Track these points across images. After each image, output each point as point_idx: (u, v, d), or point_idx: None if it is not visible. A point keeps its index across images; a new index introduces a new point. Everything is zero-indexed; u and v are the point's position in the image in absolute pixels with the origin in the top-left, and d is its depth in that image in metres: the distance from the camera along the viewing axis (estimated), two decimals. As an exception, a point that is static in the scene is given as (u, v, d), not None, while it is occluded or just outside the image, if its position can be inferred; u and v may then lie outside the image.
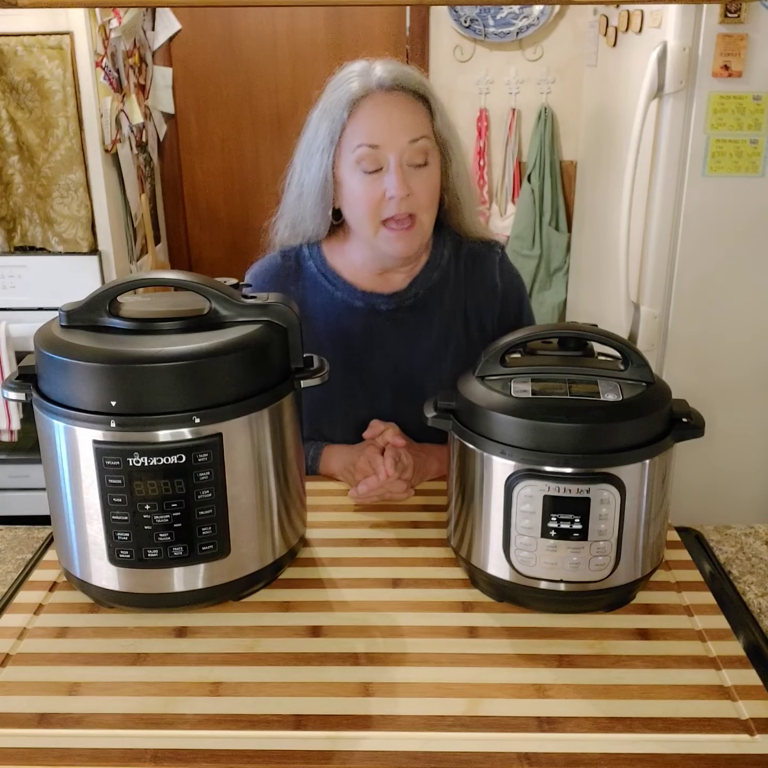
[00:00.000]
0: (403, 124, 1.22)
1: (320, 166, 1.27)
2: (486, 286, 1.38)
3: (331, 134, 1.25)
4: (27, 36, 2.30)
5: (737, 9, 1.90)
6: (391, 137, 1.21)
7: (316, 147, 1.27)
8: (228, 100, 3.20)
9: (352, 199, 1.26)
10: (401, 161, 1.22)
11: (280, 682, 0.86)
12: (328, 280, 1.35)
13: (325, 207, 1.30)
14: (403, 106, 1.23)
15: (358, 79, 1.24)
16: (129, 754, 0.77)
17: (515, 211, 3.07)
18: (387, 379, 1.35)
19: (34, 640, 0.93)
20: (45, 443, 0.93)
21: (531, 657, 0.89)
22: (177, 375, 0.87)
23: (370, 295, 1.34)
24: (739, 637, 0.92)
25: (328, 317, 1.34)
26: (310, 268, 1.36)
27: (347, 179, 1.26)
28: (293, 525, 1.03)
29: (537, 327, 1.08)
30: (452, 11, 2.91)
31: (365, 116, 1.23)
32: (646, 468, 0.90)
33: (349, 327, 1.34)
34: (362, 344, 1.34)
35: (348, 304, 1.34)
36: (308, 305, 1.34)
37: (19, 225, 2.49)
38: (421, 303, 1.36)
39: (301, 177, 1.31)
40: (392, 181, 1.21)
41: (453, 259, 1.38)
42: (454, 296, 1.37)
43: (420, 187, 1.24)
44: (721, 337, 2.17)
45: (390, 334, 1.35)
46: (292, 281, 1.36)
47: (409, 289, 1.35)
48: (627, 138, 2.11)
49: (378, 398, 1.35)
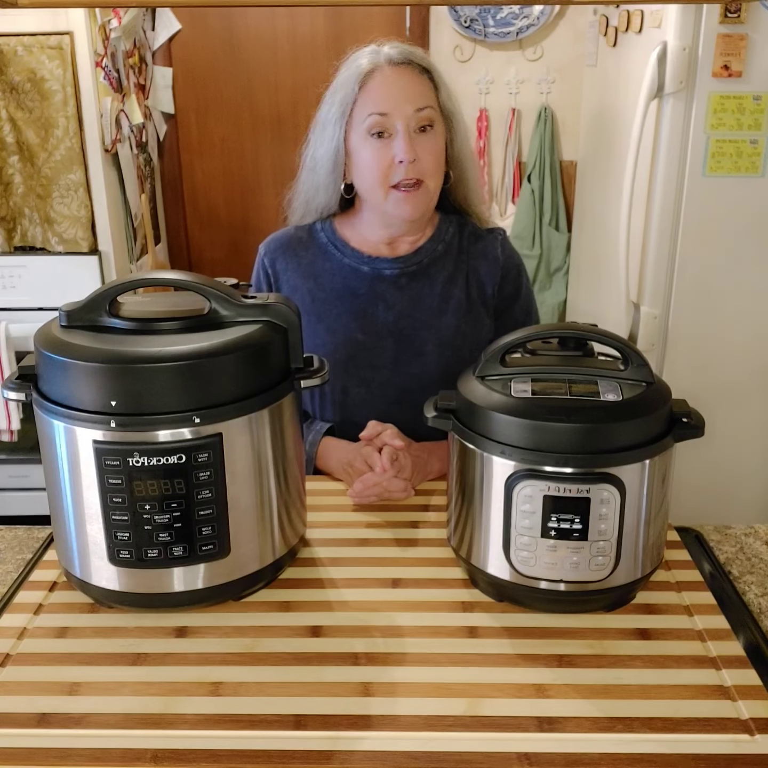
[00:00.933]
0: (410, 94, 1.30)
1: (332, 138, 1.34)
2: (488, 259, 1.44)
3: (343, 107, 1.32)
4: (27, 36, 2.30)
5: (737, 9, 1.90)
6: (398, 105, 1.29)
7: (329, 119, 1.35)
8: (228, 100, 3.20)
9: (363, 167, 1.33)
10: (408, 128, 1.29)
11: (280, 682, 0.86)
12: (337, 249, 1.42)
13: (336, 178, 1.38)
14: (409, 78, 1.32)
15: (368, 56, 1.32)
16: (129, 754, 0.77)
17: (515, 211, 3.07)
18: (388, 329, 1.40)
19: (34, 640, 0.93)
20: (45, 443, 0.93)
21: (531, 657, 0.89)
22: (177, 375, 0.87)
23: (375, 260, 1.41)
24: (739, 637, 0.92)
25: (334, 278, 1.41)
26: (321, 238, 1.44)
27: (358, 149, 1.33)
28: (293, 525, 1.03)
29: (537, 327, 1.08)
30: (452, 11, 2.91)
31: (375, 88, 1.31)
32: (646, 468, 0.90)
33: (354, 287, 1.40)
34: (366, 298, 1.40)
35: (354, 268, 1.41)
36: (317, 268, 1.42)
37: (19, 225, 2.49)
38: (424, 270, 1.41)
39: (315, 151, 1.39)
40: (400, 146, 1.29)
41: (457, 235, 1.45)
42: (456, 264, 1.43)
43: (426, 152, 1.31)
44: (721, 337, 2.17)
45: (393, 293, 1.40)
46: (302, 249, 1.43)
47: (414, 256, 1.41)
48: (627, 138, 2.11)
49: (379, 347, 1.40)
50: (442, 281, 1.41)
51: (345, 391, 1.40)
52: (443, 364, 1.38)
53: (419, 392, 1.35)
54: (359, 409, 1.40)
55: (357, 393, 1.40)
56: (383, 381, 1.39)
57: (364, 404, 1.40)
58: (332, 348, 1.38)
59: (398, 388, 1.39)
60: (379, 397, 1.40)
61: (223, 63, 3.15)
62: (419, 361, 1.39)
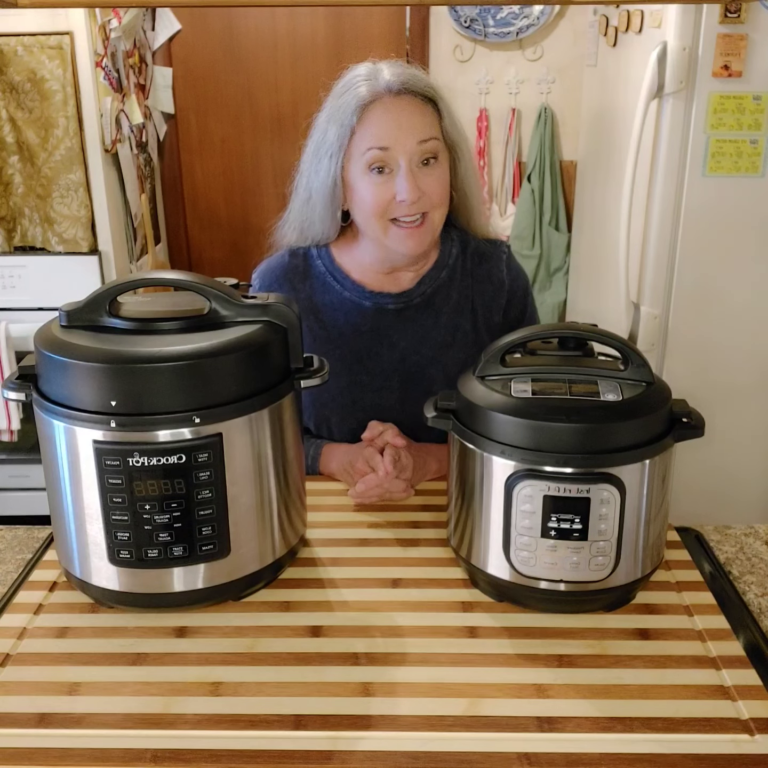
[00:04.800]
0: (412, 126, 1.23)
1: (329, 171, 1.27)
2: (493, 282, 1.39)
3: (340, 139, 1.25)
4: (27, 36, 2.30)
5: (737, 9, 1.90)
6: (400, 139, 1.22)
7: (324, 151, 1.27)
8: (228, 100, 3.20)
9: (362, 202, 1.27)
10: (411, 163, 1.23)
11: (280, 682, 0.86)
12: (336, 280, 1.36)
13: (334, 210, 1.31)
14: (412, 109, 1.24)
15: (366, 83, 1.24)
16: (129, 754, 0.77)
17: (515, 211, 3.07)
18: (394, 368, 1.36)
19: (34, 640, 0.93)
20: (45, 443, 0.93)
21: (531, 657, 0.89)
22: (177, 375, 0.87)
23: (378, 295, 1.35)
24: (739, 637, 0.92)
25: (335, 314, 1.35)
26: (318, 267, 1.37)
27: (357, 183, 1.26)
28: (293, 525, 1.03)
29: (537, 327, 1.08)
30: (452, 11, 2.91)
31: (374, 120, 1.23)
32: (646, 468, 0.90)
33: (357, 323, 1.35)
34: (370, 336, 1.35)
35: (356, 303, 1.35)
36: (316, 303, 1.36)
37: (19, 225, 2.49)
38: (429, 300, 1.36)
39: (309, 181, 1.31)
40: (403, 185, 1.22)
41: (461, 257, 1.39)
42: (461, 291, 1.38)
43: (430, 187, 1.25)
44: (721, 337, 2.17)
45: (397, 328, 1.36)
46: (299, 280, 1.37)
47: (417, 288, 1.36)
48: (627, 138, 2.11)
49: (385, 388, 1.36)
50: (448, 312, 1.36)
51: (353, 433, 1.33)
52: None
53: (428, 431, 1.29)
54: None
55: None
56: (391, 421, 1.29)
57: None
58: (336, 392, 1.34)
59: (407, 428, 1.29)
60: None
61: (223, 63, 3.15)
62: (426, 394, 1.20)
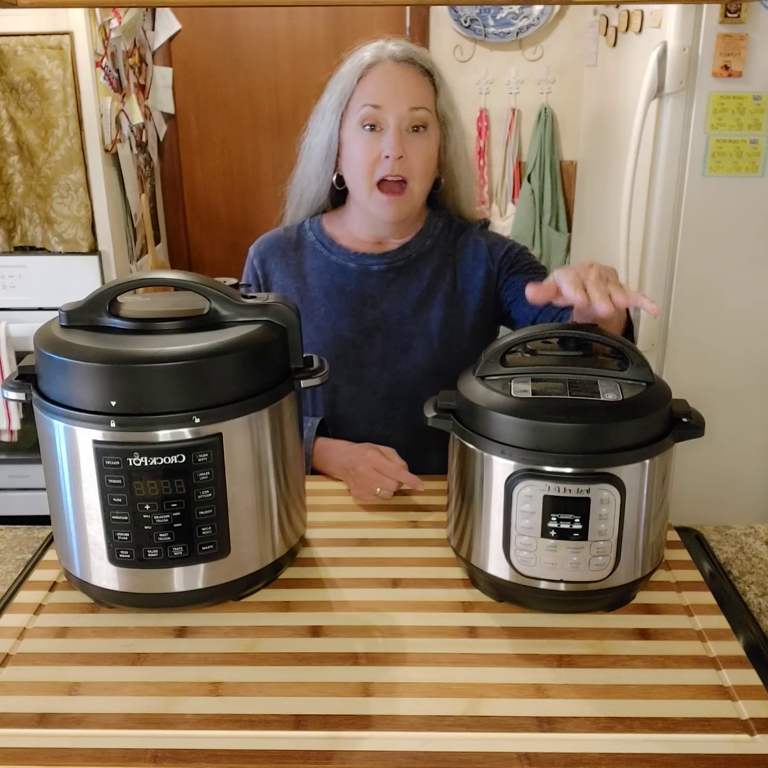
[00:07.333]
0: (407, 91, 1.30)
1: (328, 127, 1.36)
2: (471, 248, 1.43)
3: (341, 97, 1.33)
4: (27, 36, 2.30)
5: (737, 9, 1.90)
6: (393, 101, 1.29)
7: (327, 108, 1.36)
8: (228, 100, 3.20)
9: (352, 159, 1.34)
10: (400, 126, 1.30)
11: (280, 682, 0.86)
12: (324, 246, 1.43)
13: (328, 168, 1.39)
14: (409, 77, 1.32)
15: (372, 50, 1.33)
16: (129, 754, 0.77)
17: (515, 211, 3.07)
18: (376, 325, 1.40)
19: (34, 640, 0.93)
20: (45, 443, 0.93)
21: (531, 657, 0.89)
22: (177, 375, 0.87)
23: (362, 256, 1.41)
24: (739, 637, 0.92)
25: (322, 276, 1.42)
26: (309, 237, 1.45)
27: (349, 140, 1.34)
28: (293, 525, 1.03)
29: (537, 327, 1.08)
30: (452, 11, 2.91)
31: (373, 80, 1.31)
32: (646, 468, 0.90)
33: (342, 283, 1.41)
34: (354, 296, 1.40)
35: (341, 265, 1.41)
36: (305, 269, 1.43)
37: (19, 225, 2.49)
38: (411, 265, 1.41)
39: (311, 139, 1.40)
40: (389, 141, 1.29)
41: (445, 229, 1.45)
42: (443, 258, 1.43)
43: (414, 152, 1.31)
44: (721, 337, 2.17)
45: (380, 288, 1.41)
46: (291, 248, 1.44)
47: (402, 252, 1.41)
48: (627, 138, 2.11)
49: (367, 344, 1.40)
50: (429, 275, 1.41)
51: (335, 389, 1.41)
52: (432, 358, 1.38)
53: (409, 387, 1.39)
54: (350, 406, 1.41)
55: (347, 390, 1.41)
56: (373, 378, 1.40)
57: (355, 401, 1.41)
58: (321, 347, 1.39)
59: (388, 384, 1.40)
60: (369, 394, 1.40)
61: (223, 63, 3.15)
62: (408, 356, 1.39)
